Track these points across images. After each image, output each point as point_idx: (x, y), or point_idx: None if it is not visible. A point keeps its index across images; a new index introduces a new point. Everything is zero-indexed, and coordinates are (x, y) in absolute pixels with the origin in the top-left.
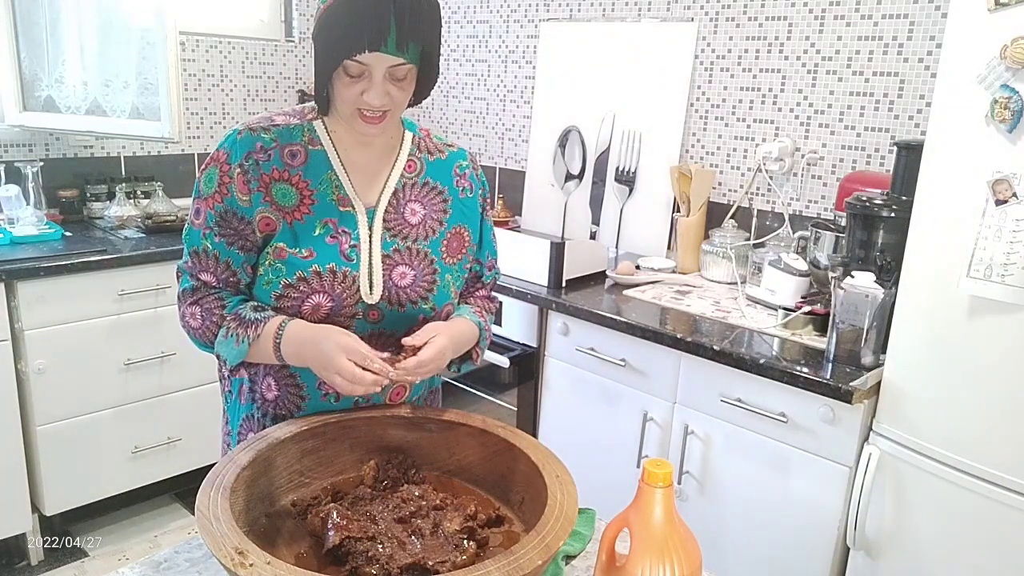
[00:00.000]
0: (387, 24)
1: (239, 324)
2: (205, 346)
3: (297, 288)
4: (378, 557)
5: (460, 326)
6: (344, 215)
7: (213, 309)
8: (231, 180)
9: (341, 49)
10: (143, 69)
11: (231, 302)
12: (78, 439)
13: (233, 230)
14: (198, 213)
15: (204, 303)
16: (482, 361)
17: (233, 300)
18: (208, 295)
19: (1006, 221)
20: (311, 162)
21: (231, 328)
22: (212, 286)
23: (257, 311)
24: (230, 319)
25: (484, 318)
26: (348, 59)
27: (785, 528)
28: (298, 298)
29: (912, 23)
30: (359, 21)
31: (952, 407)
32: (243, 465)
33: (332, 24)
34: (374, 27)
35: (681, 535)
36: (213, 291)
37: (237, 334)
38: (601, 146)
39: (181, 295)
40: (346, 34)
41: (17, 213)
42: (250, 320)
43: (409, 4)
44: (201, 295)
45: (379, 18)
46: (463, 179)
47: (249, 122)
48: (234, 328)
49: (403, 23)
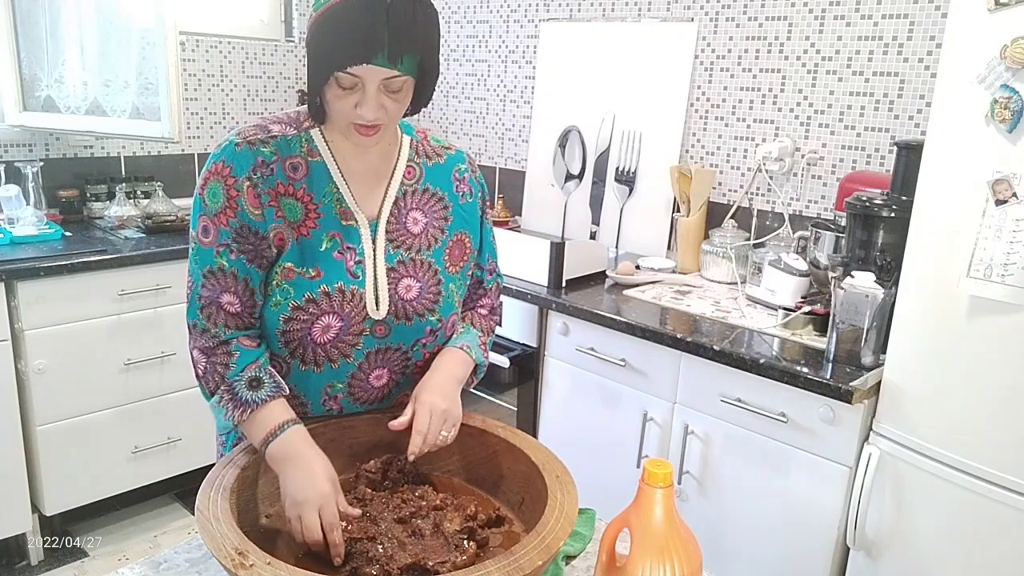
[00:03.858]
0: (380, 35)
1: (231, 399)
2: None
3: (306, 310)
4: (378, 557)
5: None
6: (347, 229)
7: (217, 366)
8: (239, 193)
9: (332, 60)
10: (143, 69)
11: (237, 362)
12: (78, 439)
13: (251, 246)
14: (207, 231)
15: (213, 356)
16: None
17: (241, 358)
18: (218, 344)
19: (1006, 221)
20: (313, 174)
21: (224, 399)
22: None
23: (253, 388)
24: (224, 388)
25: (486, 350)
26: (340, 71)
27: (785, 528)
28: (307, 320)
29: (912, 23)
30: (351, 31)
31: (952, 407)
32: (243, 465)
33: (324, 33)
34: (366, 38)
35: (681, 535)
36: (223, 338)
37: (227, 408)
38: (601, 146)
39: (191, 327)
40: (338, 45)
41: (17, 213)
42: (241, 400)
43: (404, 14)
44: (211, 342)
45: (372, 28)
46: (463, 184)
47: (245, 132)
48: (226, 401)
49: (397, 34)
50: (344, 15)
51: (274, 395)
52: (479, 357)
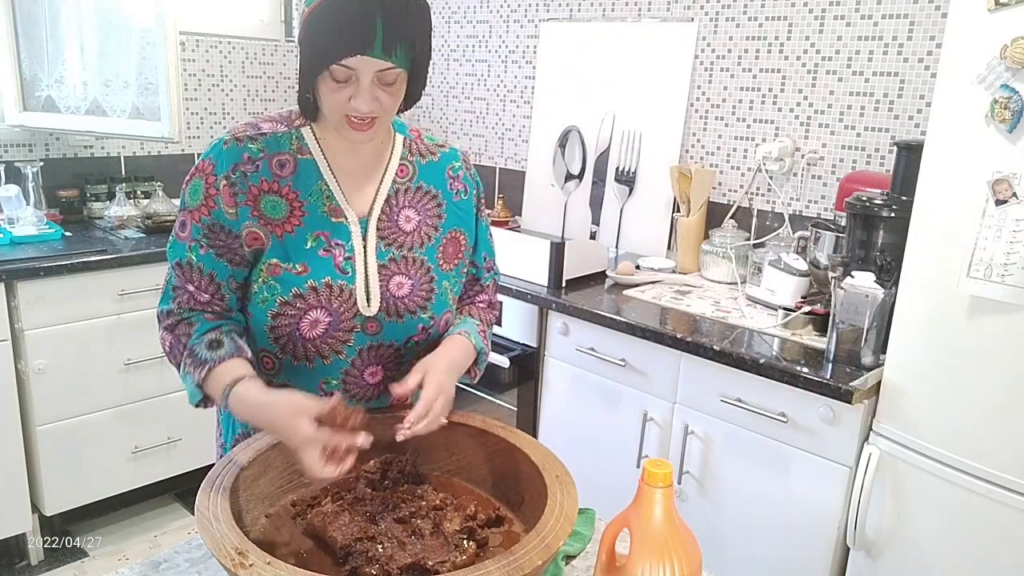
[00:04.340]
0: (373, 26)
1: (192, 362)
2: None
3: (294, 305)
4: (378, 557)
5: (456, 350)
6: (336, 226)
7: (180, 336)
8: (217, 192)
9: (326, 53)
10: (143, 69)
11: (197, 330)
12: (78, 439)
13: (222, 243)
14: (183, 226)
15: (176, 329)
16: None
17: (201, 327)
18: (180, 320)
19: (1006, 221)
20: (300, 172)
21: (186, 364)
22: (186, 309)
23: (212, 348)
24: (186, 353)
25: (486, 339)
26: (334, 63)
27: (785, 528)
28: (295, 315)
29: (912, 23)
30: (345, 24)
31: (952, 407)
32: (243, 465)
33: (317, 27)
34: (360, 30)
35: (681, 535)
36: (186, 316)
37: (190, 373)
38: (601, 146)
39: (159, 315)
40: (331, 37)
41: (17, 213)
42: (199, 360)
43: (397, 6)
44: (175, 320)
45: (365, 20)
46: (456, 181)
47: (235, 130)
48: (188, 365)
49: (390, 25)
50: (338, 7)
51: (233, 354)
52: (479, 343)
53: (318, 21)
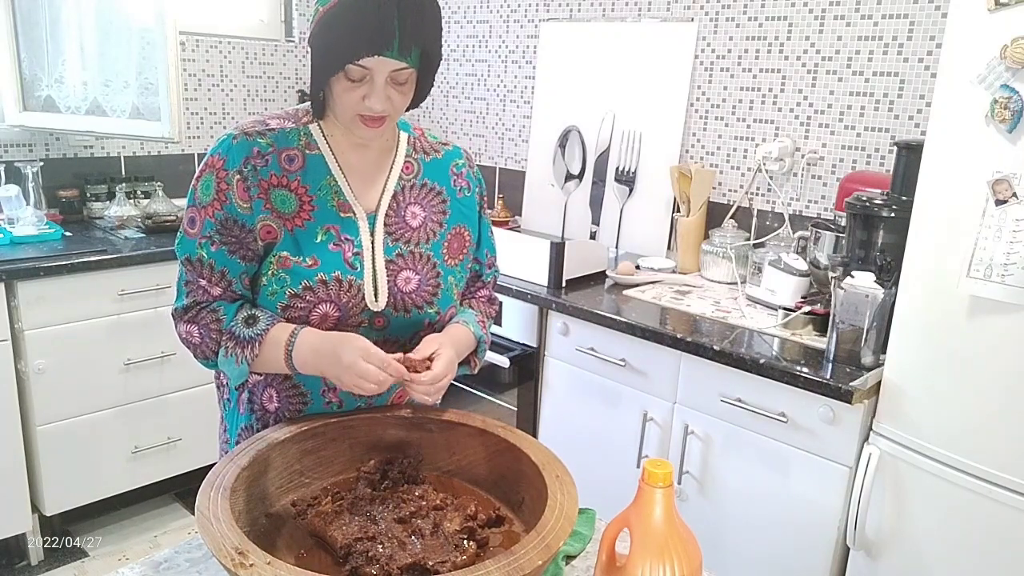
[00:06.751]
0: (391, 27)
1: (236, 344)
2: (209, 363)
3: (303, 298)
4: (378, 557)
5: (459, 335)
6: (345, 221)
7: (210, 325)
8: (230, 187)
9: (343, 53)
10: (143, 69)
11: (227, 316)
12: (78, 439)
13: (235, 238)
14: (193, 222)
15: (200, 320)
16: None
17: (229, 311)
18: (202, 310)
19: (1006, 221)
20: (309, 167)
21: (229, 348)
22: (203, 302)
23: (249, 325)
24: (226, 338)
25: (486, 329)
26: (351, 63)
27: (785, 528)
28: (305, 308)
29: (912, 23)
30: (363, 24)
31: (952, 407)
32: (243, 465)
33: (334, 27)
34: (378, 30)
35: (681, 535)
36: (206, 305)
37: (236, 354)
38: (601, 146)
39: (174, 314)
40: (349, 37)
41: (17, 213)
42: (245, 339)
43: (413, 7)
44: (196, 312)
45: (383, 21)
46: (460, 178)
47: (243, 126)
48: (232, 348)
49: (407, 26)
50: (356, 8)
51: (272, 322)
52: (478, 331)
53: (335, 21)
